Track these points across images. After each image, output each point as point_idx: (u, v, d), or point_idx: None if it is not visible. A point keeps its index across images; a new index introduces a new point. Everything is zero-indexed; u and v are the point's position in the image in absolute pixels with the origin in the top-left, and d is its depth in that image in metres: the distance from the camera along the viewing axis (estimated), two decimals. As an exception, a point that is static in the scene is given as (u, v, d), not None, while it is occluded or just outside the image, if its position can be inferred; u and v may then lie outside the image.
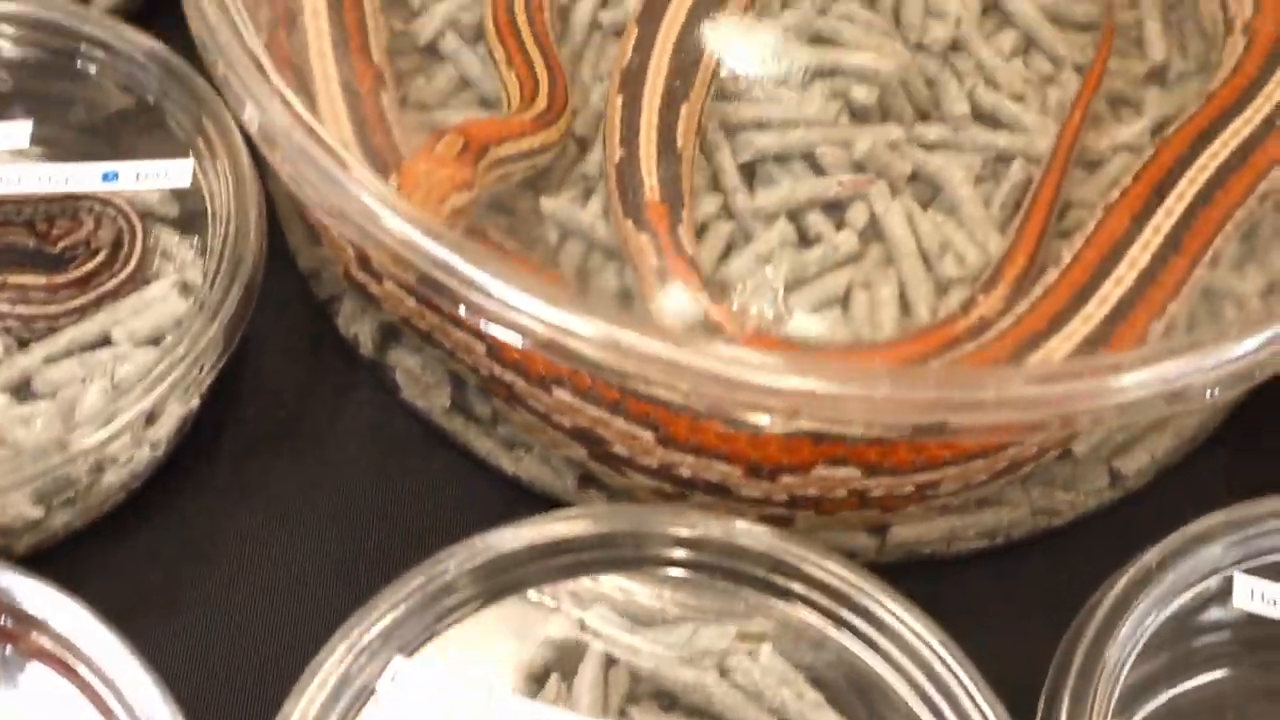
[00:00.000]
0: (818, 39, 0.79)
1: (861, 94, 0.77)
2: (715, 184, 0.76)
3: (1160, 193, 0.72)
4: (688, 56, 0.76)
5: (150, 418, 0.66)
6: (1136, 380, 0.59)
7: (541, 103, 0.73)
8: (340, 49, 0.75)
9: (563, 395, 0.69)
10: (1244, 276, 0.76)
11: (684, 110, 0.75)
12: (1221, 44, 0.81)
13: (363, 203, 0.61)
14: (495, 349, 0.69)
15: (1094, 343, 0.67)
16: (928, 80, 0.80)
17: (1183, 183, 0.72)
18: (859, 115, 0.78)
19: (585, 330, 0.58)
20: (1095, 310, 0.68)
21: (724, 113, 0.77)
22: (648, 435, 0.68)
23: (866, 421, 0.60)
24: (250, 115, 0.65)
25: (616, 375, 0.58)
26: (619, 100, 0.75)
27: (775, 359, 0.59)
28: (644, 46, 0.76)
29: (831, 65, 0.78)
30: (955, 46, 0.81)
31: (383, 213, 0.61)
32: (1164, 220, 0.71)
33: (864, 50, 0.78)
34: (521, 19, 0.77)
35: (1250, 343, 0.61)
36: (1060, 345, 0.67)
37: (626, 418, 0.68)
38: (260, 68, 0.65)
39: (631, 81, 0.76)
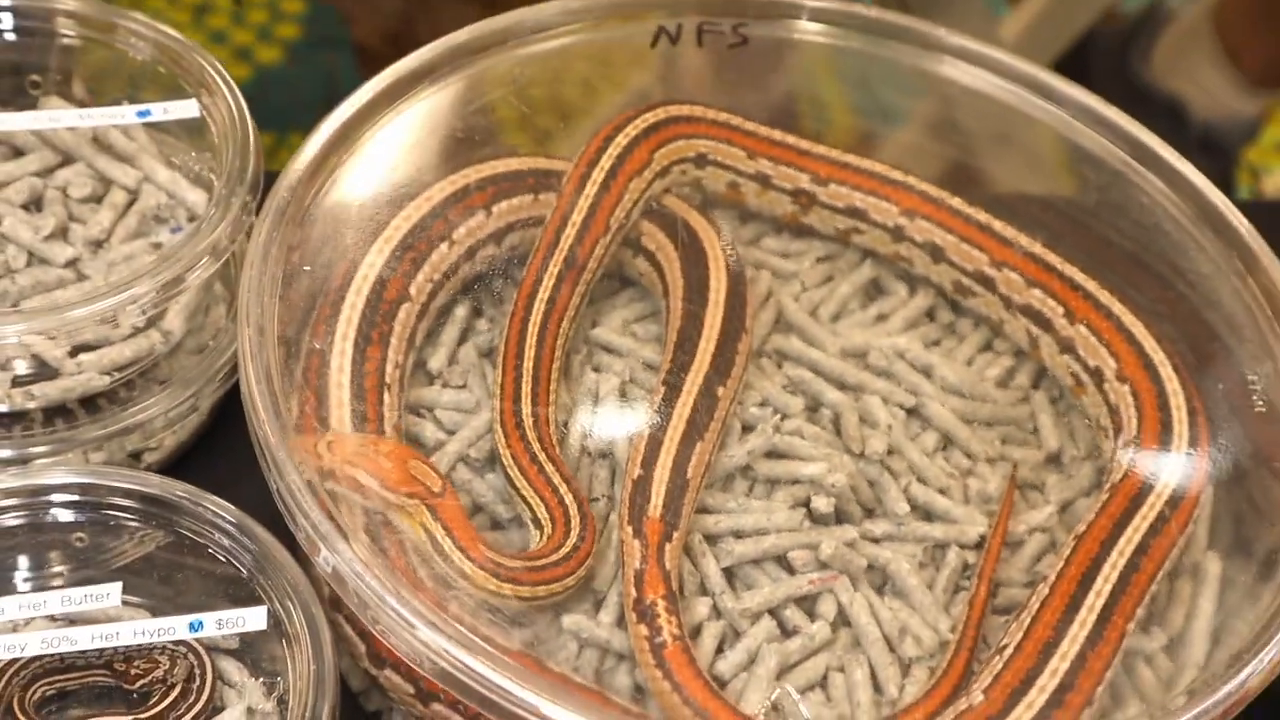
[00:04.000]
0: (775, 454, 0.94)
1: (822, 504, 0.91)
2: (703, 588, 0.89)
3: (1083, 589, 0.86)
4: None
5: None
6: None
7: (574, 537, 0.86)
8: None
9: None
10: (1151, 637, 0.90)
11: (698, 448, 0.89)
12: (1110, 437, 0.96)
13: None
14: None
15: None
16: (870, 482, 0.94)
17: (1099, 580, 0.86)
18: (818, 519, 0.92)
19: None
20: (1036, 698, 0.81)
21: (704, 524, 0.90)
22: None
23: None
24: (324, 560, 0.77)
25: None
26: (647, 433, 0.89)
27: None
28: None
29: (791, 476, 0.93)
30: (889, 451, 0.95)
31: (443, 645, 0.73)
32: (1088, 615, 0.85)
33: (817, 462, 0.93)
34: (535, 446, 0.90)
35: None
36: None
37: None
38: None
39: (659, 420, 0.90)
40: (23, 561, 0.88)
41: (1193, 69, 1.95)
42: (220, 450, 1.00)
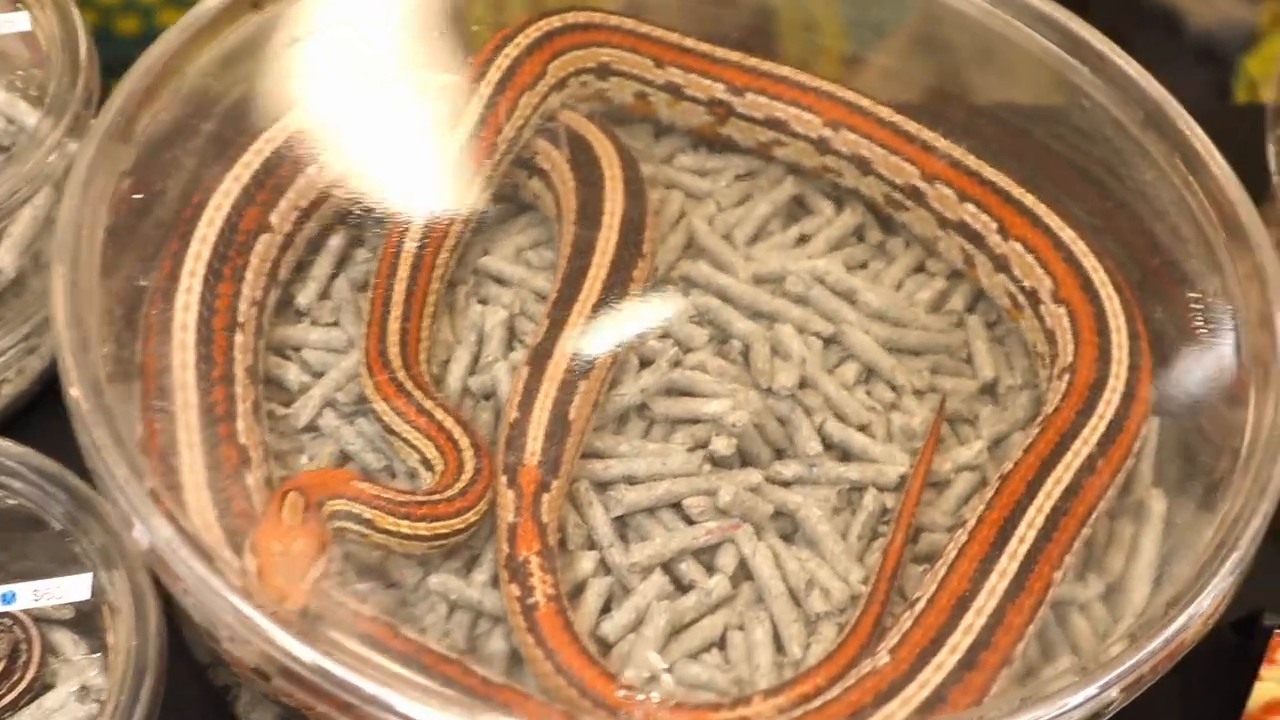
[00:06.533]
0: (675, 390, 0.85)
1: (721, 445, 0.82)
2: (590, 542, 0.81)
3: (1003, 536, 0.77)
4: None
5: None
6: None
7: (469, 469, 0.78)
8: (208, 431, 0.78)
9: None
10: (1086, 585, 0.82)
11: (583, 387, 0.81)
12: (1047, 365, 0.88)
13: (247, 622, 0.66)
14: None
15: (944, 691, 0.72)
16: (780, 420, 0.85)
17: (1022, 526, 0.78)
18: (720, 462, 0.83)
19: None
20: (947, 658, 0.73)
21: (592, 470, 0.82)
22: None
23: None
24: (139, 534, 0.69)
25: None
26: (525, 371, 0.81)
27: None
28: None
29: (691, 415, 0.85)
30: (802, 384, 0.87)
31: (271, 630, 0.65)
32: (1009, 564, 0.77)
33: (720, 399, 0.84)
34: (409, 385, 0.82)
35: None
36: (916, 693, 0.72)
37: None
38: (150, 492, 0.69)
39: (539, 355, 0.82)
40: None
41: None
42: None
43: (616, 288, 0.85)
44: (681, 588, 0.80)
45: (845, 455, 0.86)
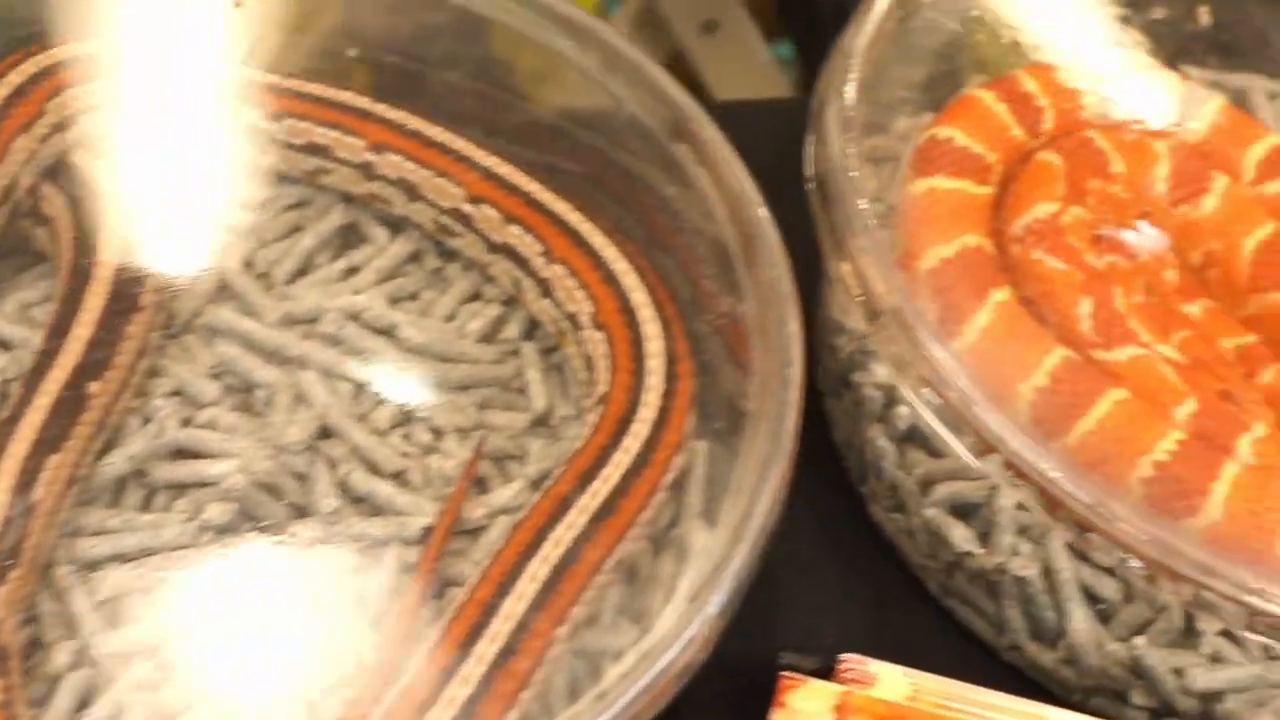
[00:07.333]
0: (179, 453, 0.79)
1: (215, 512, 0.76)
2: (72, 631, 0.74)
3: (500, 594, 0.72)
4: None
5: None
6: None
7: None
8: None
9: None
10: (619, 631, 0.76)
11: (53, 460, 0.74)
12: (590, 395, 0.82)
13: None
14: None
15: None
16: (299, 476, 0.79)
17: (523, 580, 0.72)
18: (224, 529, 0.77)
19: None
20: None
21: (77, 551, 0.75)
22: None
23: None
24: None
25: None
26: None
27: None
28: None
29: (196, 479, 0.78)
30: (327, 434, 0.81)
31: None
32: (501, 626, 0.71)
33: (227, 459, 0.78)
34: None
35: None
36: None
37: None
38: None
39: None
40: None
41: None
42: None
43: (102, 347, 0.79)
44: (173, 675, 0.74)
45: (375, 509, 0.80)
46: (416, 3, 0.92)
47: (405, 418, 0.83)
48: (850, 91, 0.87)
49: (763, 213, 0.78)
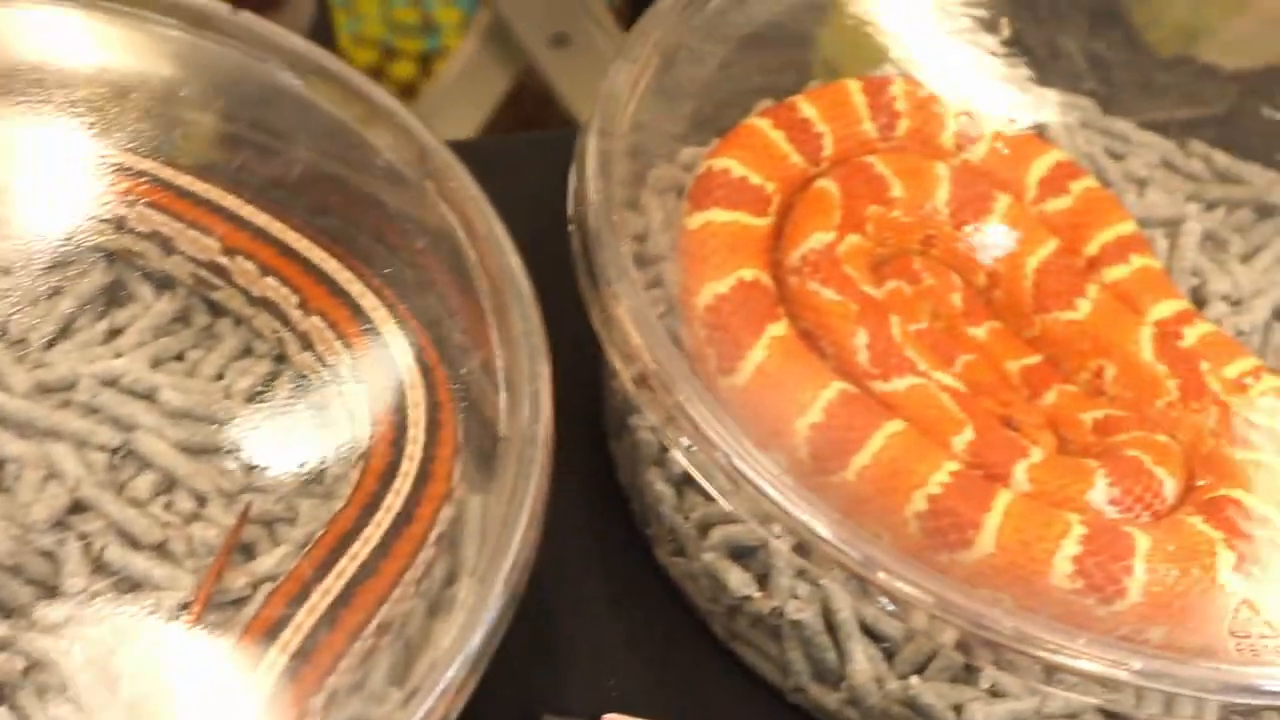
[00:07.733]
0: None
1: (-49, 598, 0.73)
2: None
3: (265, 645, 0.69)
4: None
5: None
6: None
7: None
8: None
9: None
10: (384, 702, 0.74)
11: None
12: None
13: None
14: None
15: None
16: (45, 553, 0.76)
17: (273, 652, 0.69)
18: (-43, 620, 0.73)
19: None
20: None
21: None
22: None
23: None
24: None
25: None
26: None
27: None
28: None
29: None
30: (80, 508, 0.77)
31: None
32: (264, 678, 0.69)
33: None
34: None
35: None
36: None
37: None
38: None
39: None
40: None
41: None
42: None
43: None
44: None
45: (132, 584, 0.76)
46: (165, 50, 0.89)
47: (167, 485, 0.80)
48: (621, 124, 0.85)
49: (514, 261, 0.76)
